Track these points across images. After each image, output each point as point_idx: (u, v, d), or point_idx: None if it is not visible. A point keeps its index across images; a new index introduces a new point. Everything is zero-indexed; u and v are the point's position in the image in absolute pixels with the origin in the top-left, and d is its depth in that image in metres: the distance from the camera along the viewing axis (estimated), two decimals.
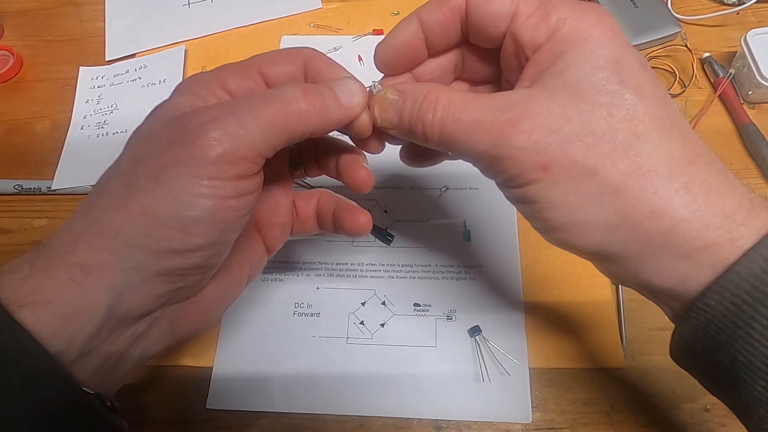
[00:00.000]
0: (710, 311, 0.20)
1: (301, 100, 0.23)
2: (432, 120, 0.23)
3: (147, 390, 0.38)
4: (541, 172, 0.21)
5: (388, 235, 0.42)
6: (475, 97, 0.23)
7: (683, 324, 0.22)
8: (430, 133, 0.23)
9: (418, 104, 0.23)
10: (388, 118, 0.25)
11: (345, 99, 0.24)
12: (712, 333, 0.20)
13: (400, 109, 0.24)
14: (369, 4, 0.54)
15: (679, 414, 0.36)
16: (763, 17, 0.51)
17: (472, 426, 0.36)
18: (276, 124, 0.22)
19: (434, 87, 0.24)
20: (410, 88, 0.25)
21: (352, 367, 0.38)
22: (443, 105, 0.23)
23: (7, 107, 0.51)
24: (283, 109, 0.23)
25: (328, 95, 0.24)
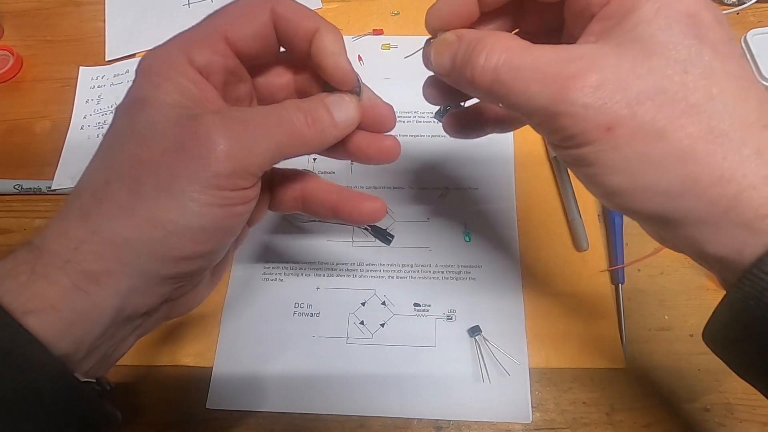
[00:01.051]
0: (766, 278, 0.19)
1: (304, 126, 0.24)
2: (484, 64, 0.21)
3: (147, 390, 0.38)
4: (604, 133, 0.20)
5: (388, 235, 0.42)
6: (537, 46, 0.21)
7: (734, 292, 0.20)
8: (479, 79, 0.22)
9: (471, 47, 0.22)
10: (443, 63, 0.24)
11: (341, 120, 0.25)
12: (766, 302, 0.19)
13: (454, 51, 0.23)
14: (369, 4, 0.54)
15: (679, 414, 0.36)
16: (763, 17, 0.51)
17: (472, 426, 0.36)
18: (282, 146, 0.23)
19: (493, 33, 0.23)
20: (470, 32, 0.23)
21: (352, 367, 0.38)
22: (499, 50, 0.21)
23: (7, 107, 0.51)
24: (289, 132, 0.24)
25: (325, 118, 0.25)
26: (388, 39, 0.52)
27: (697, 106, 0.19)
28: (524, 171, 0.44)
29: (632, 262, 0.40)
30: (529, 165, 0.45)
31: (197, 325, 0.40)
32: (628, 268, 0.40)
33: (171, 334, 0.39)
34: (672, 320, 0.39)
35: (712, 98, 0.19)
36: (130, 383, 0.38)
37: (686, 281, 0.40)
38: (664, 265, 0.40)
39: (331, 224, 0.43)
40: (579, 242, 0.41)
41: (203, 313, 0.40)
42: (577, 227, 0.41)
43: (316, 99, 0.25)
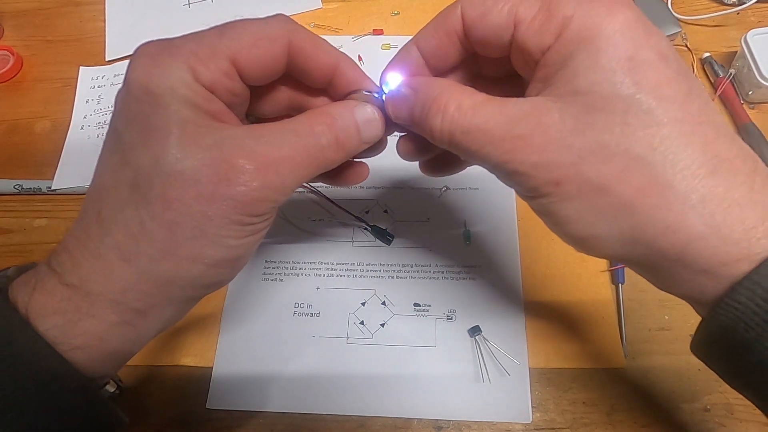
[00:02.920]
0: (740, 308, 0.19)
1: (333, 151, 0.23)
2: (441, 126, 0.22)
3: (147, 390, 0.38)
4: (554, 188, 0.20)
5: (388, 235, 0.42)
6: (487, 104, 0.21)
7: (709, 321, 0.21)
8: (439, 138, 0.23)
9: (427, 107, 0.22)
10: (400, 115, 0.25)
11: (367, 139, 0.25)
12: (741, 330, 0.19)
13: (411, 106, 0.24)
14: (369, 4, 0.54)
15: (679, 414, 0.36)
16: (763, 17, 0.51)
17: (472, 426, 0.36)
18: (310, 174, 0.23)
19: (446, 88, 0.22)
20: (423, 85, 0.23)
21: (352, 367, 0.38)
22: (452, 112, 0.22)
23: (7, 107, 0.51)
24: (316, 156, 0.23)
25: (353, 139, 0.24)
26: (388, 39, 0.52)
27: (639, 158, 0.19)
28: None
29: None
30: None
31: (197, 325, 0.40)
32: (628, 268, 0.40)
33: (171, 334, 0.39)
34: (672, 320, 0.39)
35: (654, 149, 0.19)
36: (131, 383, 0.38)
37: None
38: None
39: (331, 224, 0.43)
40: None
41: (203, 313, 0.40)
42: None
43: (346, 113, 0.24)
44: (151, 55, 0.21)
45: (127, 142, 0.21)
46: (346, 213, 0.43)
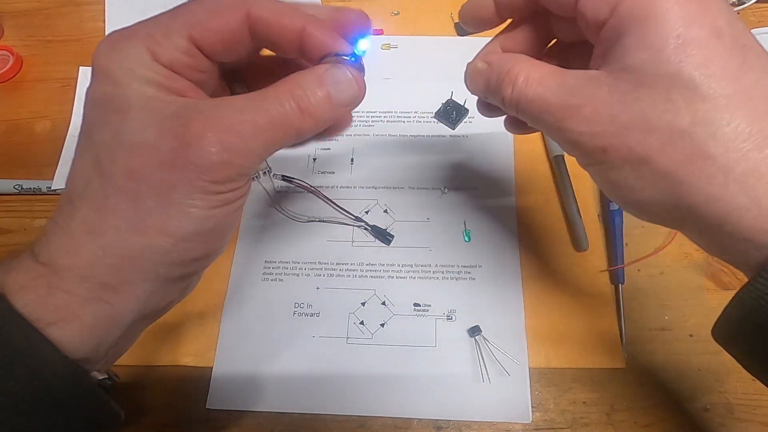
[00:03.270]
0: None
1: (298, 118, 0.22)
2: (510, 96, 0.24)
3: (147, 390, 0.38)
4: (602, 155, 0.22)
5: (388, 235, 0.42)
6: (550, 76, 0.23)
7: (746, 290, 0.21)
8: (509, 107, 0.25)
9: (501, 78, 0.25)
10: (477, 86, 0.27)
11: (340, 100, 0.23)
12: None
13: (486, 78, 0.26)
14: (369, 4, 0.54)
15: (679, 414, 0.36)
16: (763, 17, 0.51)
17: (472, 426, 0.36)
18: (276, 141, 0.23)
19: (517, 62, 0.24)
20: (497, 60, 0.26)
21: (352, 367, 0.38)
22: (520, 83, 0.24)
23: (7, 107, 0.51)
24: (282, 127, 0.22)
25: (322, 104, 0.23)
26: (388, 39, 0.52)
27: (680, 131, 0.20)
28: (524, 171, 0.44)
29: (632, 262, 0.40)
30: (529, 165, 0.45)
31: (197, 325, 0.40)
32: (628, 268, 0.40)
33: (171, 334, 0.39)
34: (672, 320, 0.39)
35: (695, 123, 0.20)
36: (130, 383, 0.38)
37: (686, 281, 0.40)
38: (664, 265, 0.41)
39: (331, 224, 0.43)
40: (579, 242, 0.41)
41: (203, 313, 0.40)
42: (577, 227, 0.41)
43: (312, 77, 0.23)
44: (111, 41, 0.22)
45: (91, 122, 0.22)
46: (346, 213, 0.43)
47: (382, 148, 0.46)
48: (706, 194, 0.20)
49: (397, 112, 0.48)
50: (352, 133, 0.47)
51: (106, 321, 0.22)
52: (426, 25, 0.53)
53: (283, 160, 0.46)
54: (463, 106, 0.47)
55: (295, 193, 0.44)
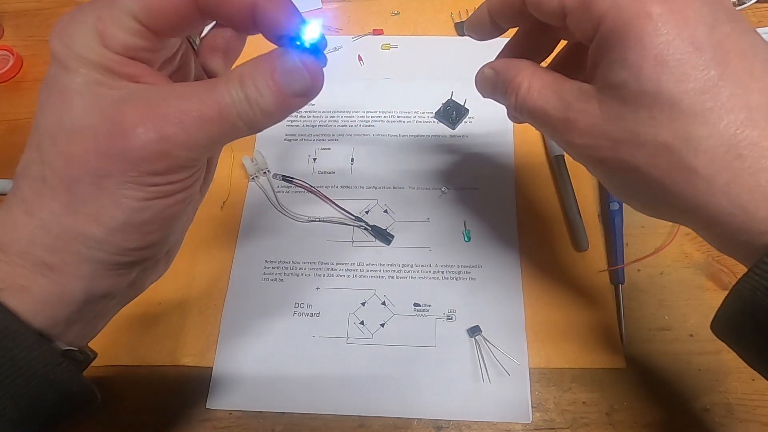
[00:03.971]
0: None
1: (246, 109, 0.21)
2: (515, 103, 0.26)
3: (147, 390, 0.38)
4: (598, 164, 0.24)
5: (388, 235, 0.42)
6: (550, 86, 0.24)
7: (742, 282, 0.21)
8: (516, 112, 0.26)
9: (506, 86, 0.26)
10: (486, 91, 0.29)
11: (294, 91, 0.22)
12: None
13: (493, 84, 0.27)
14: (369, 4, 0.54)
15: (678, 414, 0.36)
16: (763, 17, 0.51)
17: (472, 426, 0.36)
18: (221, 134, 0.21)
19: (520, 70, 0.26)
20: (503, 68, 0.27)
21: (352, 367, 0.38)
22: (523, 92, 0.25)
23: (7, 107, 0.51)
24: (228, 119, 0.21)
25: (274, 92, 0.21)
26: (388, 39, 0.52)
27: (665, 145, 0.21)
28: (524, 171, 0.44)
29: (632, 261, 0.40)
30: (529, 165, 0.45)
31: (197, 325, 0.40)
32: (628, 268, 0.40)
33: (171, 334, 0.39)
34: (672, 320, 0.39)
35: (678, 137, 0.21)
36: (129, 383, 0.38)
37: (686, 281, 0.40)
38: (664, 265, 0.41)
39: (331, 224, 0.43)
40: (579, 242, 0.41)
41: (203, 313, 0.40)
42: (577, 227, 0.41)
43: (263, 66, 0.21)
44: (62, 25, 0.22)
45: (39, 106, 0.22)
46: (346, 213, 0.43)
47: (382, 148, 0.46)
48: (693, 202, 0.21)
49: (397, 112, 0.48)
50: (352, 133, 0.47)
51: (55, 296, 0.22)
52: (426, 25, 0.53)
53: (283, 160, 0.46)
54: (463, 106, 0.47)
55: (295, 193, 0.44)
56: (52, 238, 0.21)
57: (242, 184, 0.45)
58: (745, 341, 0.23)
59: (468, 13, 0.53)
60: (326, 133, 0.47)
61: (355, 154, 0.46)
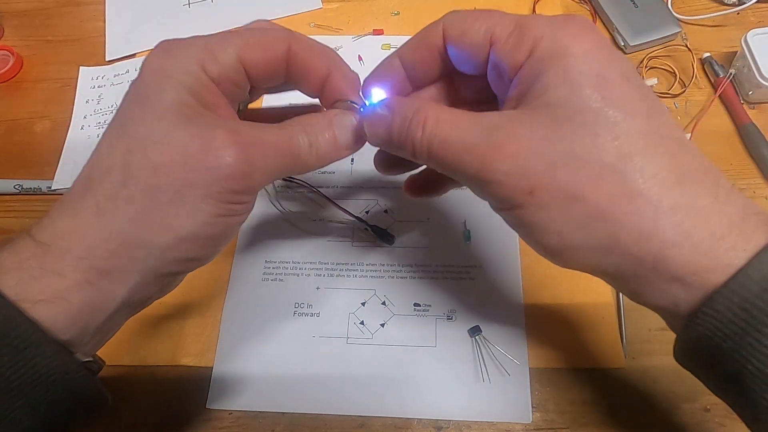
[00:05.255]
0: (717, 317, 0.19)
1: (306, 152, 0.25)
2: (421, 139, 0.23)
3: (147, 390, 0.38)
4: (527, 197, 0.21)
5: (388, 235, 0.42)
6: (463, 117, 0.22)
7: (687, 331, 0.21)
8: (419, 152, 0.23)
9: (407, 122, 0.23)
10: (378, 134, 0.25)
11: (344, 143, 0.26)
12: (718, 341, 0.20)
13: (389, 125, 0.24)
14: (369, 4, 0.54)
15: (679, 414, 0.36)
16: (763, 17, 0.51)
17: (472, 426, 0.36)
18: (285, 168, 0.25)
19: (423, 104, 0.23)
20: (400, 104, 0.24)
21: (352, 367, 0.38)
22: (432, 124, 0.22)
23: (7, 107, 0.51)
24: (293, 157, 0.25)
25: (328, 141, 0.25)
26: (388, 39, 0.52)
27: (610, 166, 0.20)
28: None
29: None
30: None
31: (197, 325, 0.40)
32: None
33: (171, 334, 0.39)
34: None
35: (622, 158, 0.20)
36: (130, 383, 0.38)
37: None
38: None
39: (331, 224, 0.43)
40: None
41: (203, 313, 0.40)
42: None
43: (324, 120, 0.26)
44: (166, 47, 0.24)
45: (127, 117, 0.23)
46: (346, 213, 0.43)
47: None
48: (639, 231, 0.20)
49: None
50: None
51: (94, 306, 0.22)
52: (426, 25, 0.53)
53: None
54: None
55: (295, 193, 0.44)
56: (117, 244, 0.22)
57: None
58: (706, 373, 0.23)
59: None
60: None
61: (355, 154, 0.46)
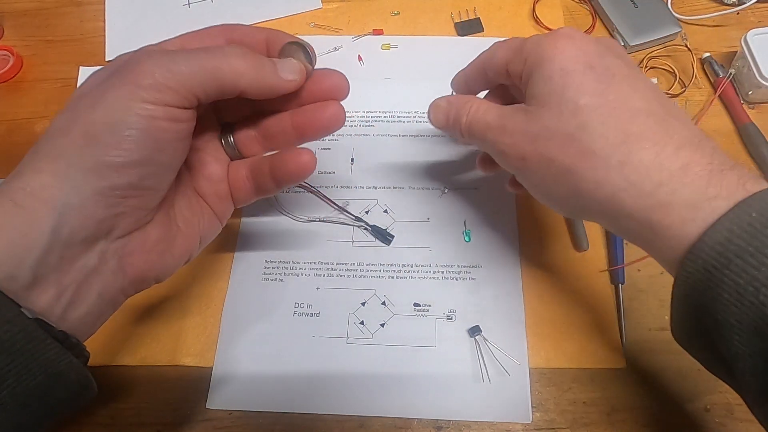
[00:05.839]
0: (691, 278, 0.24)
1: (238, 58, 0.27)
2: (465, 121, 0.32)
3: (147, 390, 0.38)
4: (521, 162, 0.29)
5: (388, 235, 0.42)
6: (492, 108, 0.31)
7: (675, 291, 0.26)
8: (464, 130, 0.33)
9: (459, 109, 0.33)
10: (439, 118, 0.35)
11: (283, 73, 0.29)
12: (696, 296, 0.24)
13: (446, 112, 0.34)
14: (369, 4, 0.54)
15: (679, 414, 0.36)
16: (763, 17, 0.51)
17: (472, 426, 0.36)
18: (208, 70, 0.26)
19: (472, 98, 0.33)
20: (455, 98, 0.34)
21: (352, 367, 0.38)
22: (473, 112, 0.32)
23: (7, 107, 0.51)
24: (218, 60, 0.26)
25: (267, 64, 0.28)
26: (388, 39, 0.52)
27: (570, 135, 0.27)
28: None
29: (632, 261, 0.40)
30: None
31: (197, 325, 0.40)
32: (628, 268, 0.40)
33: (171, 334, 0.39)
34: None
35: (580, 128, 0.27)
36: (130, 383, 0.38)
37: None
38: None
39: (332, 224, 0.43)
40: (579, 242, 0.41)
41: (203, 313, 0.40)
42: (577, 227, 0.41)
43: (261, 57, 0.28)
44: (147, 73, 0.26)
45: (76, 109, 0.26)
46: (346, 213, 0.43)
47: (382, 148, 0.46)
48: (594, 180, 0.26)
49: (397, 112, 0.48)
50: (352, 133, 0.47)
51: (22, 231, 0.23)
52: (426, 25, 0.53)
53: None
54: None
55: (295, 193, 0.44)
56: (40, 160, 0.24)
57: None
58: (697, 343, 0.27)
59: (468, 13, 0.53)
60: None
61: (355, 154, 0.46)
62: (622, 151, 0.26)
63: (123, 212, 0.25)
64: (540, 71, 0.28)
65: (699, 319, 0.25)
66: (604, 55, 0.28)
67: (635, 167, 0.25)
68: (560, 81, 0.27)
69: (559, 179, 0.28)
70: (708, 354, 0.26)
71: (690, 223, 0.24)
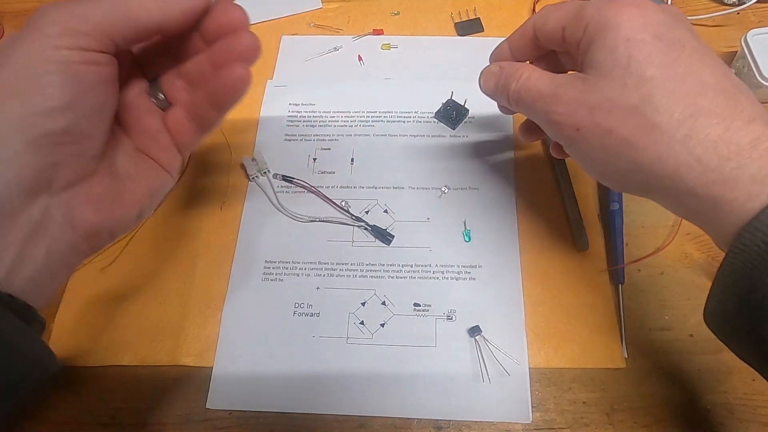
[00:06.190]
0: (746, 251, 0.23)
1: None
2: (514, 88, 0.31)
3: (147, 390, 0.38)
4: (575, 132, 0.28)
5: (388, 235, 0.42)
6: (543, 76, 0.30)
7: (723, 267, 0.25)
8: (512, 97, 0.32)
9: (509, 76, 0.32)
10: (488, 85, 0.34)
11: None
12: (747, 271, 0.24)
13: (497, 77, 0.33)
14: (369, 4, 0.54)
15: (679, 414, 0.36)
16: (763, 17, 0.51)
17: (472, 426, 0.36)
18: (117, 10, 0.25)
19: (522, 65, 0.32)
20: (507, 64, 0.33)
21: (352, 367, 0.38)
22: (523, 79, 0.31)
23: None
24: None
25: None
26: (388, 39, 0.52)
27: (634, 107, 0.26)
28: (524, 171, 0.44)
29: (632, 262, 0.40)
30: (529, 165, 0.45)
31: (197, 325, 0.40)
32: (628, 268, 0.40)
33: (171, 334, 0.39)
34: (672, 320, 0.39)
35: (644, 101, 0.26)
36: (129, 383, 0.38)
37: (686, 281, 0.40)
38: (664, 265, 0.41)
39: (332, 224, 0.43)
40: (579, 242, 0.41)
41: (203, 313, 0.40)
42: (577, 227, 0.41)
43: None
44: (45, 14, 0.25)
45: None
46: (346, 213, 0.43)
47: (382, 148, 0.46)
48: (656, 154, 0.25)
49: (397, 112, 0.48)
50: (352, 133, 0.47)
51: None
52: (426, 25, 0.53)
53: (283, 160, 0.46)
54: (463, 106, 0.47)
55: (295, 193, 0.44)
56: None
57: (242, 184, 0.45)
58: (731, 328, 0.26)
59: (468, 13, 0.53)
60: (326, 133, 0.47)
61: (355, 154, 0.46)
62: (688, 125, 0.25)
63: (61, 160, 0.25)
64: (602, 39, 0.27)
65: (744, 297, 0.24)
66: (673, 27, 0.27)
67: (701, 142, 0.25)
68: (625, 51, 0.26)
69: (616, 152, 0.27)
70: (744, 338, 0.26)
71: (755, 198, 0.24)
